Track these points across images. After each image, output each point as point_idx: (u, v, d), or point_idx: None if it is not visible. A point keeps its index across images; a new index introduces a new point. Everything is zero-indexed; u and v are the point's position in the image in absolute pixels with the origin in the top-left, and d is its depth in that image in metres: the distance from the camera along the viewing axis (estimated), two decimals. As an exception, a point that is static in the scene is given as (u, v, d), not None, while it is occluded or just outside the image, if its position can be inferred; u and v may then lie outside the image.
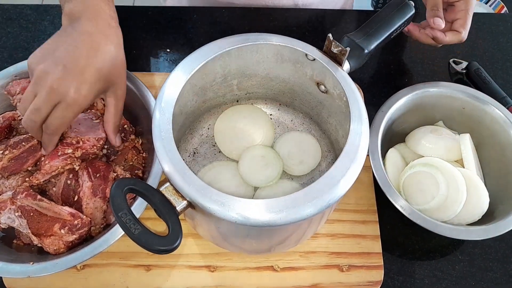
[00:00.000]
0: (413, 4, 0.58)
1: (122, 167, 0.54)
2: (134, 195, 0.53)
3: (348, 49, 0.47)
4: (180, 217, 0.56)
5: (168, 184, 0.42)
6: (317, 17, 0.79)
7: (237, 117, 0.61)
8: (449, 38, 0.62)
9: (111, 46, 0.49)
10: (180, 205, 0.41)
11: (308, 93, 0.56)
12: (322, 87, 0.53)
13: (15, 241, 0.54)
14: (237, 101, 0.62)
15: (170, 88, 0.47)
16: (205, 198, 0.40)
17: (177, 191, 0.41)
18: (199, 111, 0.59)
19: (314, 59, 0.50)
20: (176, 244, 0.38)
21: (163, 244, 0.38)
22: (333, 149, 0.59)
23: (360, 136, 0.44)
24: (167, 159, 0.42)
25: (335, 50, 0.48)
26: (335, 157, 0.59)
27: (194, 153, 0.60)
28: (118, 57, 0.50)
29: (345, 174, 0.42)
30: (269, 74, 0.57)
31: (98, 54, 0.48)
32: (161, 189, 0.41)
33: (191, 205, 0.41)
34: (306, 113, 0.61)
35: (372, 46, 0.52)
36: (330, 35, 0.48)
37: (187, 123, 0.58)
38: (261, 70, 0.56)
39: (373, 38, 0.53)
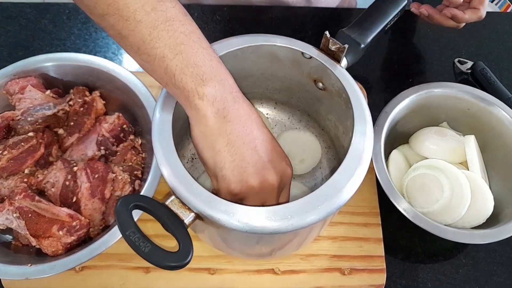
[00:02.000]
0: None
1: (121, 168, 0.54)
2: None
3: (346, 46, 0.46)
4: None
5: (173, 197, 0.40)
6: (321, 16, 0.78)
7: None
8: (468, 15, 0.61)
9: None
10: (188, 218, 0.39)
11: (306, 90, 0.55)
12: (320, 84, 0.52)
13: (13, 242, 0.53)
14: None
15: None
16: (213, 209, 0.38)
17: (183, 204, 0.40)
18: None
19: (310, 57, 0.49)
20: (188, 259, 0.37)
21: (175, 261, 0.37)
22: (333, 145, 0.58)
23: (364, 138, 0.43)
24: (166, 164, 0.41)
25: (333, 48, 0.48)
26: (336, 153, 0.58)
27: (192, 158, 0.59)
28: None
29: (350, 179, 0.40)
30: (264, 74, 0.56)
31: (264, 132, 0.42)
32: (167, 203, 0.40)
33: (199, 217, 0.40)
34: (304, 110, 0.60)
35: (368, 40, 0.51)
36: (327, 32, 0.47)
37: (183, 128, 0.57)
38: (257, 70, 0.55)
39: (368, 32, 0.52)
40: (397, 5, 0.55)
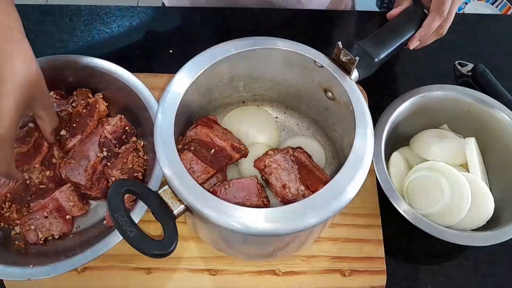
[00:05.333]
0: (427, 13, 0.57)
1: (120, 171, 0.54)
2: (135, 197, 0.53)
3: (357, 58, 0.46)
4: (181, 219, 0.56)
5: (166, 187, 0.41)
6: (321, 18, 0.78)
7: (242, 119, 0.60)
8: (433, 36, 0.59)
9: (18, 64, 0.44)
10: (177, 209, 0.41)
11: (315, 99, 0.56)
12: (329, 94, 0.52)
13: (16, 243, 0.54)
14: (243, 102, 0.62)
15: (174, 90, 0.46)
16: (203, 204, 0.39)
17: (175, 194, 0.41)
18: (204, 111, 0.58)
19: (322, 66, 0.49)
20: (171, 248, 0.38)
21: (158, 248, 0.38)
22: (337, 157, 0.59)
23: (365, 142, 0.44)
24: (167, 163, 0.41)
25: (343, 59, 0.48)
26: (339, 165, 0.58)
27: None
28: (30, 71, 0.46)
29: (351, 182, 0.41)
30: (276, 78, 0.56)
31: (6, 77, 0.43)
32: (159, 191, 0.41)
33: (188, 209, 0.41)
34: (313, 118, 0.61)
35: (383, 55, 0.51)
36: (339, 43, 0.47)
37: (191, 121, 0.57)
38: (269, 73, 0.55)
39: (384, 47, 0.52)
40: (418, 23, 0.56)
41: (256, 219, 0.39)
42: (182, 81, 0.47)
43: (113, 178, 0.53)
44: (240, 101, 0.61)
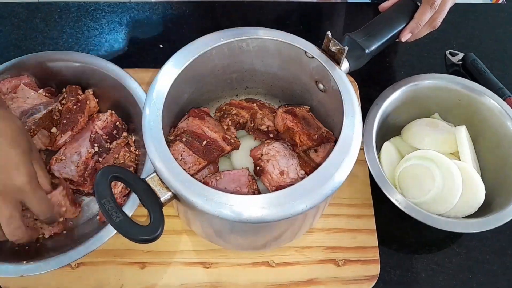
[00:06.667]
0: (420, 5, 0.57)
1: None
2: (128, 191, 0.53)
3: (346, 48, 0.46)
4: (174, 213, 0.56)
5: (154, 174, 0.41)
6: (312, 10, 0.78)
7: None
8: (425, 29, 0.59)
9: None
10: (164, 196, 0.41)
11: (307, 90, 0.55)
12: (321, 86, 0.52)
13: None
14: (237, 95, 0.61)
15: (161, 81, 0.46)
16: (189, 191, 0.39)
17: (162, 181, 0.41)
18: (197, 103, 0.58)
19: (312, 57, 0.49)
20: (157, 234, 0.38)
21: (144, 233, 0.38)
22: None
23: (353, 129, 0.44)
24: (155, 150, 0.41)
25: (333, 49, 0.47)
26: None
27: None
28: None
29: (339, 168, 0.41)
30: (268, 70, 0.56)
31: None
32: (146, 178, 0.41)
33: (176, 196, 0.41)
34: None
35: (374, 47, 0.51)
36: (329, 33, 0.47)
37: (183, 112, 0.57)
38: (261, 64, 0.55)
39: (375, 39, 0.52)
40: (410, 15, 0.56)
41: (243, 206, 0.39)
42: (169, 72, 0.47)
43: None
44: (234, 94, 0.61)
